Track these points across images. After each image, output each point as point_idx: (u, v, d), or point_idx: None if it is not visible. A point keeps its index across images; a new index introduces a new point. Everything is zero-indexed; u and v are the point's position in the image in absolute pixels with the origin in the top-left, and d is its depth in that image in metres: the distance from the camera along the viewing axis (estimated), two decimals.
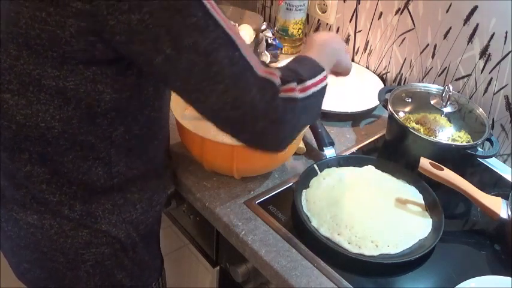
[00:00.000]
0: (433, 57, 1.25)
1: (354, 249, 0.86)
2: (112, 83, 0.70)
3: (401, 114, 1.08)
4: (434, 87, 1.16)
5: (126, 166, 0.81)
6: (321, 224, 0.90)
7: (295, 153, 1.07)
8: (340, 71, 0.95)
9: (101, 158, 0.77)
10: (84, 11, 0.62)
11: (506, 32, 1.08)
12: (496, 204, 0.91)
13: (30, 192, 0.80)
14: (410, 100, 1.12)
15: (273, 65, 1.38)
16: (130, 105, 0.75)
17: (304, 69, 0.76)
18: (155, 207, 0.90)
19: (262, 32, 1.41)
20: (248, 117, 0.69)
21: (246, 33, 1.48)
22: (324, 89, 0.80)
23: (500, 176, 1.12)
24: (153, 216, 0.89)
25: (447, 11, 1.18)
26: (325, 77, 0.80)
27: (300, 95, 0.73)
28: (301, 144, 1.09)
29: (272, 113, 0.69)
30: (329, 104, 1.22)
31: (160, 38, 0.62)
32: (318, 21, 1.53)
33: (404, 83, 1.35)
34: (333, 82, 1.35)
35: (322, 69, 0.80)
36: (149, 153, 0.85)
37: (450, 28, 1.19)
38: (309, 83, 0.75)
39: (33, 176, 0.78)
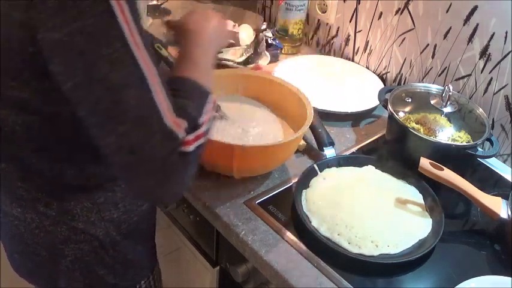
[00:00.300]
0: (433, 57, 1.25)
1: (354, 249, 0.86)
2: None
3: (401, 114, 1.08)
4: (434, 87, 1.16)
5: (102, 167, 0.79)
6: (321, 224, 0.90)
7: (297, 151, 1.07)
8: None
9: (72, 160, 0.76)
10: (20, 21, 0.60)
11: (506, 32, 1.08)
12: (496, 204, 0.91)
13: (9, 187, 0.81)
14: (410, 100, 1.12)
15: (271, 65, 1.39)
16: None
17: (197, 106, 0.72)
18: (141, 207, 0.89)
19: (262, 32, 1.41)
20: (144, 167, 0.64)
21: (246, 33, 1.48)
22: (213, 117, 0.76)
23: (500, 176, 1.12)
24: (138, 215, 0.89)
25: (447, 11, 1.18)
26: (212, 105, 0.75)
27: (193, 146, 0.68)
28: (301, 142, 1.09)
29: (168, 167, 0.65)
30: (329, 104, 1.22)
31: (73, 63, 0.59)
32: (318, 21, 1.54)
33: (404, 83, 1.35)
34: (333, 82, 1.36)
35: (208, 94, 0.75)
36: None
37: (450, 28, 1.19)
38: (201, 122, 0.71)
39: (8, 173, 0.79)
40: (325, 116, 1.18)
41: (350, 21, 1.44)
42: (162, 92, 0.64)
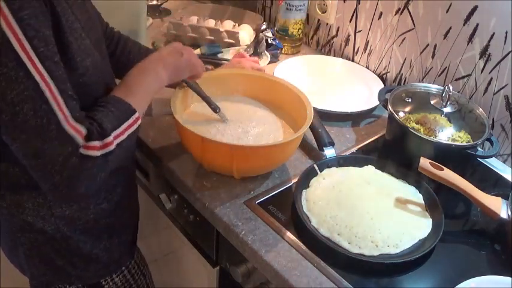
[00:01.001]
0: (433, 57, 1.25)
1: (354, 249, 0.86)
2: None
3: (401, 114, 1.08)
4: (434, 87, 1.16)
5: None
6: (321, 224, 0.90)
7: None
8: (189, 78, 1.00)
9: (16, 160, 0.78)
10: None
11: (506, 32, 1.08)
12: (496, 204, 0.91)
13: None
14: (410, 100, 1.12)
15: (271, 65, 1.39)
16: None
17: (111, 119, 0.78)
18: (100, 205, 0.92)
19: (262, 32, 1.41)
20: (47, 169, 0.71)
21: (246, 33, 1.48)
22: (134, 131, 0.82)
23: (500, 176, 1.12)
24: (96, 213, 0.91)
25: (447, 11, 1.18)
26: (135, 121, 0.82)
27: (100, 152, 0.75)
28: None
29: (68, 169, 0.72)
30: (329, 104, 1.22)
31: None
32: (318, 21, 1.54)
33: (404, 83, 1.35)
34: (333, 82, 1.36)
35: (132, 113, 0.81)
36: None
37: (450, 28, 1.19)
38: (112, 136, 0.77)
39: None
40: (325, 116, 1.18)
41: (350, 21, 1.44)
42: (61, 101, 0.71)
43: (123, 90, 0.84)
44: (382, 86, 1.32)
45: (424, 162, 0.94)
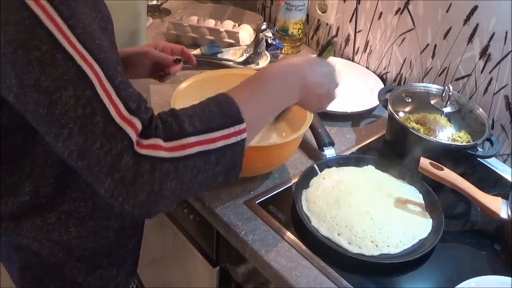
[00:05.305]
0: (433, 57, 1.25)
1: (354, 249, 0.86)
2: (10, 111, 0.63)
3: (401, 114, 1.08)
4: (434, 87, 1.16)
5: (57, 188, 0.76)
6: (321, 224, 0.90)
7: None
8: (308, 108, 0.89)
9: (27, 174, 0.73)
10: None
11: (506, 32, 1.08)
12: (496, 204, 0.91)
13: None
14: (410, 100, 1.12)
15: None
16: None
17: (204, 120, 0.65)
18: (100, 233, 0.84)
19: (262, 32, 1.41)
20: (94, 172, 0.59)
21: (246, 33, 1.48)
22: (232, 145, 0.67)
23: (500, 176, 1.12)
24: (95, 242, 0.84)
25: (447, 11, 1.18)
26: (237, 132, 0.67)
27: (169, 155, 0.61)
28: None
29: (120, 171, 0.59)
30: None
31: (7, 75, 0.57)
32: (318, 21, 1.54)
33: (404, 83, 1.35)
34: None
35: (237, 122, 0.67)
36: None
37: (450, 28, 1.19)
38: (193, 138, 0.63)
39: None
40: (325, 116, 1.18)
41: (350, 21, 1.44)
42: (110, 88, 0.59)
43: (240, 92, 0.71)
44: (382, 86, 1.32)
45: (424, 162, 0.94)
